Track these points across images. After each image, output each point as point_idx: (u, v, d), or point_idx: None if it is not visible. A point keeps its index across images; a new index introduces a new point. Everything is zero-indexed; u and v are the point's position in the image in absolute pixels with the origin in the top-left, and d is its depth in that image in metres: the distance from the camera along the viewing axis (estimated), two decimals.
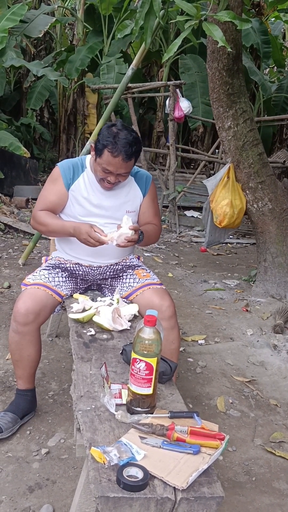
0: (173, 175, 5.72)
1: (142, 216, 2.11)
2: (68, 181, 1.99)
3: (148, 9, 2.57)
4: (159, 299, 1.91)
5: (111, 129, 1.85)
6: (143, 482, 1.06)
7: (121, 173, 1.88)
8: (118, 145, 1.80)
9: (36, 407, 2.09)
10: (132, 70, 3.47)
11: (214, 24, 2.24)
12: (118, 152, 1.81)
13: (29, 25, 7.32)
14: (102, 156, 1.85)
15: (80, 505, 1.32)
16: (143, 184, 2.08)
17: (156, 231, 2.12)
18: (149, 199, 2.10)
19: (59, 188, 1.99)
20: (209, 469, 1.14)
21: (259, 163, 3.49)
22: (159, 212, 2.18)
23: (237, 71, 3.35)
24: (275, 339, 2.97)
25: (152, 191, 2.11)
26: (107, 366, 1.44)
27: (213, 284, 3.96)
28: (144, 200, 2.09)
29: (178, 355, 1.97)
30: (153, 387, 1.30)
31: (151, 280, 2.02)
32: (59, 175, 2.00)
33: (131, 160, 1.86)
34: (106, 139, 1.82)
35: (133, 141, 1.83)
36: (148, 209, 2.10)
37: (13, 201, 5.90)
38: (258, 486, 1.84)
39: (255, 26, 7.69)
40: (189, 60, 8.01)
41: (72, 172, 1.99)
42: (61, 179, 1.99)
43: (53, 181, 2.02)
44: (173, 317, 1.92)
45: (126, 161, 1.84)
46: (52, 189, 2.01)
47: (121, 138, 1.82)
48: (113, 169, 1.85)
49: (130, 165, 1.88)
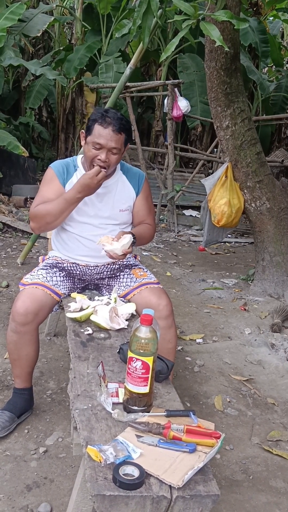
0: (172, 174, 5.73)
1: (136, 215, 2.11)
2: (63, 180, 1.99)
3: (146, 8, 2.57)
4: (156, 298, 1.91)
5: (100, 109, 1.93)
6: (139, 480, 1.07)
7: (111, 147, 1.87)
8: (108, 118, 1.87)
9: (33, 405, 2.09)
10: (130, 69, 3.47)
11: (211, 23, 2.25)
12: (108, 123, 1.86)
13: (28, 24, 7.31)
14: (93, 131, 1.88)
15: (77, 503, 1.33)
16: (136, 183, 2.08)
17: (149, 231, 2.13)
18: (143, 198, 2.10)
19: (57, 187, 1.99)
20: (204, 467, 1.15)
21: (257, 162, 3.49)
22: (153, 210, 2.18)
23: (235, 70, 3.35)
24: (273, 338, 2.98)
25: (145, 190, 2.11)
26: (104, 365, 1.44)
27: (211, 283, 3.97)
28: (137, 198, 2.09)
29: (175, 354, 1.98)
30: (150, 386, 1.31)
31: (148, 280, 2.02)
32: (53, 175, 2.00)
33: (120, 134, 1.87)
34: (96, 115, 1.89)
35: (122, 117, 1.90)
36: (142, 208, 2.11)
37: (11, 200, 5.90)
38: (255, 484, 1.85)
39: (254, 25, 7.69)
40: (187, 59, 8.01)
41: (66, 171, 2.00)
42: (57, 178, 1.99)
43: (48, 181, 2.01)
44: (170, 316, 1.93)
45: (116, 132, 1.86)
46: (49, 187, 2.00)
47: (110, 113, 1.89)
48: (104, 141, 1.86)
49: (120, 140, 1.88)
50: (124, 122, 1.89)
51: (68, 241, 2.06)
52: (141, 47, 3.32)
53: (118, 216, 2.04)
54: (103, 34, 8.32)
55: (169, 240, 5.34)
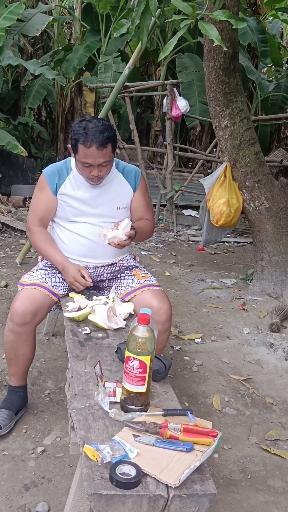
0: (171, 174, 5.72)
1: (134, 211, 2.12)
2: (55, 186, 2.00)
3: (144, 8, 2.57)
4: (157, 302, 1.91)
5: (81, 123, 1.86)
6: (135, 479, 1.07)
7: (101, 163, 1.86)
8: (89, 135, 1.81)
9: (27, 402, 2.10)
10: (129, 69, 3.47)
11: (210, 23, 2.25)
12: (91, 142, 1.81)
13: (27, 24, 7.31)
14: (78, 151, 1.86)
15: (74, 502, 1.33)
16: (132, 179, 2.09)
17: (149, 226, 2.14)
18: (140, 194, 2.11)
19: (47, 195, 2.02)
20: (201, 466, 1.15)
21: (255, 162, 3.49)
22: (151, 206, 2.19)
23: (234, 70, 3.35)
24: (272, 338, 2.98)
25: (142, 186, 2.12)
26: (101, 365, 1.44)
27: (210, 283, 3.97)
28: (134, 195, 2.10)
29: (161, 353, 2.00)
30: (147, 385, 1.31)
31: (150, 282, 2.02)
32: (45, 182, 2.02)
33: (106, 147, 1.84)
34: (77, 133, 1.84)
35: (103, 128, 1.83)
36: (140, 204, 2.12)
37: (10, 200, 5.90)
38: (253, 484, 1.85)
39: (253, 25, 7.69)
40: (186, 59, 8.00)
41: (58, 176, 2.01)
42: (47, 186, 2.01)
43: (40, 189, 2.05)
44: (168, 321, 1.93)
45: (101, 149, 1.82)
46: (40, 197, 2.04)
47: (90, 128, 1.82)
48: (92, 160, 1.85)
49: (107, 153, 1.86)
50: (106, 133, 1.83)
51: (67, 241, 2.06)
52: (139, 46, 3.32)
53: (116, 214, 2.04)
54: (102, 34, 8.32)
55: (168, 240, 5.34)
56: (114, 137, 1.88)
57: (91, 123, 1.84)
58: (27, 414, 2.09)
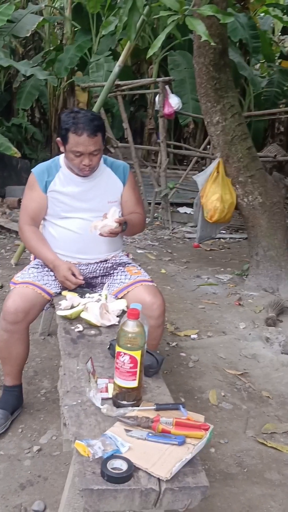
0: (165, 171, 5.72)
1: (125, 205, 2.13)
2: (44, 184, 2.01)
3: (132, 5, 2.57)
4: (150, 297, 1.91)
5: (70, 114, 1.89)
6: (127, 474, 1.07)
7: (92, 151, 1.88)
8: (79, 123, 1.84)
9: (23, 402, 2.09)
10: (119, 67, 3.46)
11: (197, 18, 2.24)
12: (82, 130, 1.84)
13: (17, 24, 7.28)
14: (68, 140, 1.87)
15: (69, 499, 1.32)
16: (121, 173, 2.10)
17: (140, 220, 2.15)
18: (130, 188, 2.12)
19: (37, 194, 2.03)
20: (193, 459, 1.15)
21: (248, 157, 3.49)
22: (141, 200, 2.21)
23: (224, 65, 3.35)
24: (268, 332, 2.99)
25: (131, 180, 2.13)
26: (93, 361, 1.44)
27: (206, 279, 3.96)
28: (124, 189, 2.11)
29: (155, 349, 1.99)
30: (138, 380, 1.31)
31: (142, 277, 2.02)
32: (34, 181, 2.03)
33: (96, 135, 1.87)
34: (67, 123, 1.86)
35: (93, 117, 1.87)
36: (130, 198, 2.13)
37: (5, 201, 5.88)
38: (250, 477, 1.85)
39: (243, 21, 7.67)
40: (178, 57, 8.00)
41: (47, 174, 2.02)
42: (37, 184, 2.02)
43: (30, 188, 2.06)
44: (162, 317, 1.93)
45: (92, 137, 1.85)
46: (31, 196, 2.05)
47: (80, 117, 1.86)
48: (83, 148, 1.86)
49: (98, 141, 1.89)
50: (96, 122, 1.87)
51: (59, 238, 2.06)
52: (128, 44, 3.32)
53: (107, 208, 2.03)
54: (93, 33, 8.30)
55: (164, 238, 5.34)
56: (103, 127, 1.92)
57: (80, 114, 1.87)
58: (23, 414, 2.08)
